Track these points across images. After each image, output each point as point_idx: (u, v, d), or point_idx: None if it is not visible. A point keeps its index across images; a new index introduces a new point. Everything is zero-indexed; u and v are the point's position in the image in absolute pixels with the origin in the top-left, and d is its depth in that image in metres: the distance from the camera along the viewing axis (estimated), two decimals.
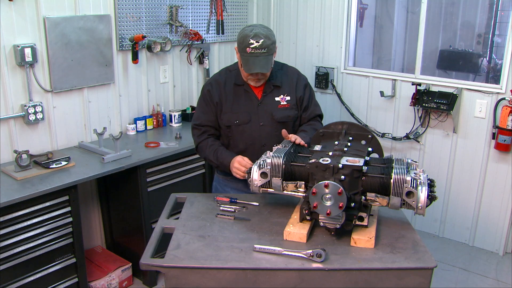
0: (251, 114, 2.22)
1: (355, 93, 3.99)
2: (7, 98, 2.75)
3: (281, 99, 2.25)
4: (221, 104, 2.24)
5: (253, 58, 2.07)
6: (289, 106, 2.26)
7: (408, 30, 4.40)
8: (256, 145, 2.22)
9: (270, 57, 2.11)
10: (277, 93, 2.26)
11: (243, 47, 2.09)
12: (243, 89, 2.24)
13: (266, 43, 2.06)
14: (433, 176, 1.89)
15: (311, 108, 2.34)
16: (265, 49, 2.07)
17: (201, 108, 2.31)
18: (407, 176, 1.59)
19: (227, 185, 2.37)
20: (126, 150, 2.92)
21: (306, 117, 2.33)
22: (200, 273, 1.55)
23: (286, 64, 2.40)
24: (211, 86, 2.28)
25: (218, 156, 2.21)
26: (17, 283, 2.44)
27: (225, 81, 2.27)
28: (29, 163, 2.62)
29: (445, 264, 3.40)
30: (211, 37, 3.91)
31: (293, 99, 2.28)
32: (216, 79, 2.30)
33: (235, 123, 2.22)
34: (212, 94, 2.25)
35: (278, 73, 2.29)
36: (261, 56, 2.07)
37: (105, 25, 3.13)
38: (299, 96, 2.29)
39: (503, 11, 3.86)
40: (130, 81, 3.43)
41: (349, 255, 1.60)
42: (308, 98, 2.33)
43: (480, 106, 3.39)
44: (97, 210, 3.35)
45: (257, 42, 2.05)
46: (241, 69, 2.18)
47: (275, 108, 2.24)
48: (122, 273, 3.05)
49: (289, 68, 2.37)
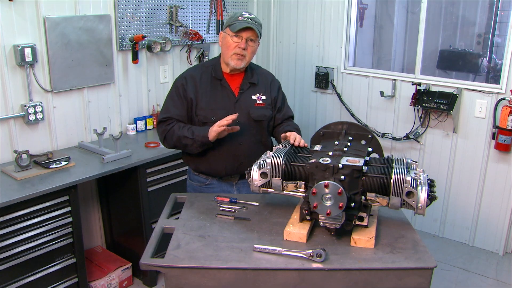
0: (228, 111, 2.20)
1: (355, 93, 3.99)
2: (7, 98, 2.75)
3: (257, 98, 2.28)
4: (196, 100, 2.22)
5: (244, 22, 2.14)
6: (265, 105, 2.29)
7: (408, 30, 4.40)
8: (233, 143, 2.21)
9: (260, 30, 2.19)
10: (253, 91, 2.28)
11: (234, 19, 2.17)
12: (221, 84, 2.25)
13: (257, 19, 2.20)
14: (433, 176, 1.89)
15: (284, 110, 2.39)
16: (256, 22, 2.17)
17: (172, 101, 2.26)
18: (407, 176, 1.59)
19: (202, 192, 2.33)
20: (126, 150, 2.92)
21: (280, 118, 2.37)
22: (200, 273, 1.55)
23: (260, 66, 2.46)
24: (185, 80, 2.25)
25: (193, 130, 2.16)
26: (17, 283, 2.44)
27: (200, 76, 2.26)
28: (29, 163, 2.62)
29: (445, 264, 3.41)
30: (211, 37, 3.91)
31: (268, 99, 2.31)
32: (191, 74, 2.27)
33: (211, 120, 2.19)
34: (186, 89, 2.23)
35: (253, 72, 2.33)
36: (253, 24, 2.15)
37: (105, 25, 3.13)
38: (274, 97, 2.34)
39: (503, 11, 3.86)
40: (130, 81, 3.43)
41: (349, 255, 1.60)
42: (281, 100, 2.39)
43: (480, 106, 3.39)
44: (97, 210, 3.35)
45: (250, 14, 2.19)
46: (228, 41, 2.17)
47: (252, 106, 2.26)
48: (122, 273, 3.05)
49: (263, 70, 2.44)
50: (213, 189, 2.33)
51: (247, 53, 2.18)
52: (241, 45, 2.16)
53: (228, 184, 2.33)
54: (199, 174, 2.35)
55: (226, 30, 2.21)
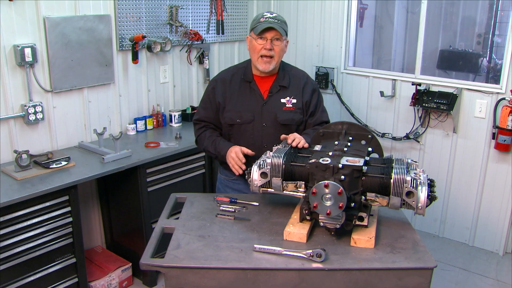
0: (254, 113, 2.20)
1: (355, 93, 3.99)
2: (7, 98, 2.75)
3: (286, 101, 2.22)
4: (224, 103, 2.24)
5: (266, 23, 2.11)
6: (294, 109, 2.23)
7: (408, 30, 4.40)
8: (257, 145, 2.19)
9: (284, 28, 2.15)
10: (283, 95, 2.23)
11: (257, 21, 2.15)
12: (250, 87, 2.23)
13: (279, 17, 2.16)
14: (433, 176, 1.89)
15: (317, 114, 2.30)
16: (278, 21, 2.13)
17: (203, 103, 2.34)
18: (407, 176, 1.59)
19: (227, 185, 2.37)
20: (126, 150, 2.92)
21: (311, 123, 2.28)
22: (200, 273, 1.55)
23: (296, 67, 2.38)
24: (216, 83, 2.28)
25: (216, 146, 2.22)
26: (17, 283, 2.44)
27: (231, 78, 2.26)
28: (29, 163, 2.62)
29: (445, 264, 3.41)
30: (211, 37, 3.91)
31: (299, 103, 2.24)
32: (222, 76, 2.30)
33: (237, 122, 2.21)
34: (215, 92, 2.26)
35: (286, 74, 2.26)
36: (275, 23, 2.12)
37: (105, 25, 3.13)
38: (306, 101, 2.25)
39: (503, 11, 3.86)
40: (130, 81, 3.43)
41: (349, 255, 1.60)
42: (315, 104, 2.29)
43: (480, 106, 3.39)
44: (97, 210, 3.35)
45: (271, 14, 2.16)
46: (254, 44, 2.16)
47: (280, 109, 2.21)
48: (122, 273, 3.05)
49: (298, 71, 2.34)
50: (239, 184, 2.32)
51: (274, 53, 2.15)
52: (267, 46, 2.13)
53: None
54: (226, 169, 2.33)
55: (250, 33, 2.19)
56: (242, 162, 2.10)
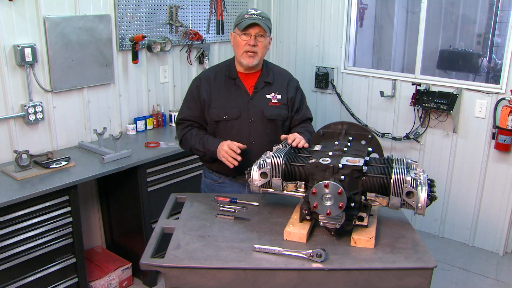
0: (241, 109, 2.21)
1: (355, 93, 3.99)
2: (7, 98, 2.75)
3: (272, 97, 2.26)
4: (209, 100, 2.24)
5: (251, 19, 2.14)
6: (280, 104, 2.27)
7: (408, 30, 4.40)
8: (244, 141, 2.17)
9: (268, 24, 2.18)
10: (268, 91, 2.26)
11: (241, 17, 2.17)
12: (235, 83, 2.25)
13: (264, 14, 2.20)
14: (433, 176, 1.89)
15: (302, 111, 2.35)
16: (262, 18, 2.16)
17: (187, 103, 2.32)
18: (407, 176, 1.59)
19: (213, 189, 2.35)
20: (126, 150, 2.92)
21: (297, 119, 2.33)
22: (200, 273, 1.55)
23: (279, 66, 2.43)
24: (200, 81, 2.28)
25: (204, 144, 2.19)
26: (17, 283, 2.44)
27: (215, 75, 2.28)
28: (29, 163, 2.62)
29: (445, 264, 3.41)
30: (211, 37, 3.91)
31: (284, 99, 2.28)
32: (205, 74, 2.31)
33: (224, 118, 2.21)
34: (200, 90, 2.26)
35: (269, 71, 2.31)
36: (259, 19, 2.14)
37: (105, 25, 3.13)
38: (290, 97, 2.30)
39: (503, 11, 3.86)
40: (130, 81, 3.43)
41: (349, 255, 1.60)
42: (300, 101, 2.35)
43: (480, 106, 3.39)
44: (97, 210, 3.35)
45: (255, 11, 2.19)
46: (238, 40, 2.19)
47: (266, 105, 2.24)
48: (122, 273, 3.05)
49: (281, 69, 2.40)
50: (225, 188, 2.33)
51: (258, 49, 2.18)
52: (251, 42, 2.16)
53: (240, 184, 2.31)
54: (212, 172, 2.36)
55: (235, 29, 2.22)
56: (236, 153, 2.07)
